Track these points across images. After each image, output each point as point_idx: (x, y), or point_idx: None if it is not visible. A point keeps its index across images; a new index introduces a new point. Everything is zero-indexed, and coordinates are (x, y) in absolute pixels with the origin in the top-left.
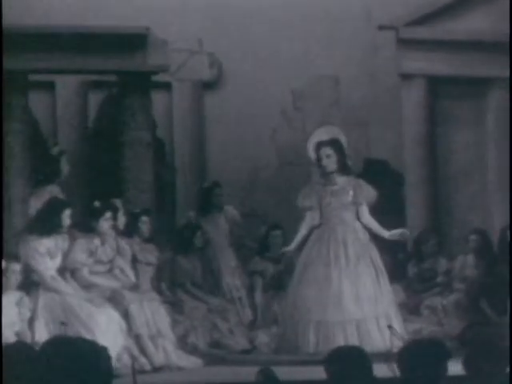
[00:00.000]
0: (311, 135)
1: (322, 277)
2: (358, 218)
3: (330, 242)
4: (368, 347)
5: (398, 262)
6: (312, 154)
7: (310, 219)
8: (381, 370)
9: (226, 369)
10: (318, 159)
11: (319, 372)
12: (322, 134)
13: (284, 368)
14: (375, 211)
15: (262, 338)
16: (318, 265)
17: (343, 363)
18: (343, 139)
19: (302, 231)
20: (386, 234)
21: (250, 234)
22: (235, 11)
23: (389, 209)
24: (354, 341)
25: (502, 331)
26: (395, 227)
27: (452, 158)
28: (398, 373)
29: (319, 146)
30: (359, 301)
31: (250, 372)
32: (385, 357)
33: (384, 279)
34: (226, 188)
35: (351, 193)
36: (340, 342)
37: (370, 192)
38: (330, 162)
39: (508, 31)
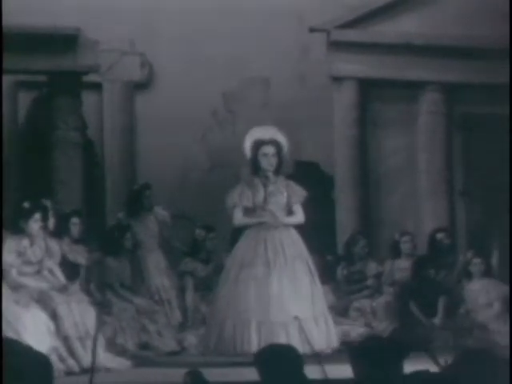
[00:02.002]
0: (249, 133)
1: (262, 276)
2: None
3: (268, 241)
4: (309, 347)
5: (328, 263)
6: (248, 151)
7: (239, 214)
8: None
9: (155, 370)
10: (255, 158)
11: (251, 373)
12: (261, 133)
13: (214, 370)
14: (305, 213)
15: (191, 339)
16: (257, 265)
17: (273, 362)
18: (283, 140)
19: (244, 219)
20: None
21: (179, 236)
22: (167, 12)
23: (319, 211)
24: (295, 341)
25: (431, 334)
26: (325, 229)
27: (383, 160)
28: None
29: (258, 144)
30: (299, 300)
31: (179, 374)
32: (323, 357)
33: (317, 280)
34: (156, 189)
35: (285, 193)
36: (282, 341)
37: (301, 192)
38: (270, 161)
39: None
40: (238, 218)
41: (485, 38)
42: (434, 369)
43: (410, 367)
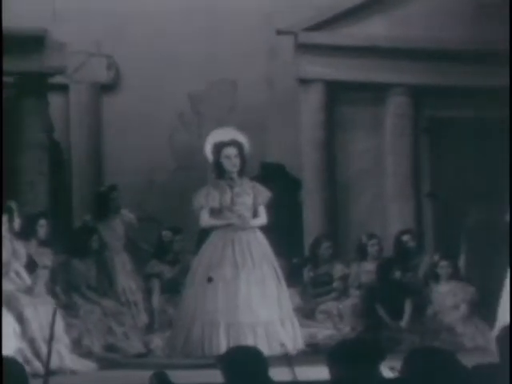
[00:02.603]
0: (208, 136)
1: (231, 278)
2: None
3: (235, 243)
4: (276, 349)
5: (294, 266)
6: (209, 155)
7: (205, 216)
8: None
9: (121, 372)
10: (218, 161)
11: (217, 375)
12: (221, 135)
13: (180, 372)
14: (272, 215)
15: (157, 341)
16: (225, 266)
17: (237, 364)
18: (244, 140)
19: (211, 220)
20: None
21: (146, 238)
22: (134, 13)
23: (286, 213)
24: (263, 343)
25: (397, 336)
26: (292, 231)
27: (350, 163)
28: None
29: (219, 147)
30: (266, 303)
31: (145, 376)
32: (290, 359)
33: (283, 282)
34: (123, 191)
35: (252, 195)
36: (250, 343)
37: (265, 194)
38: (233, 163)
39: (403, 37)
40: (205, 219)
41: (452, 40)
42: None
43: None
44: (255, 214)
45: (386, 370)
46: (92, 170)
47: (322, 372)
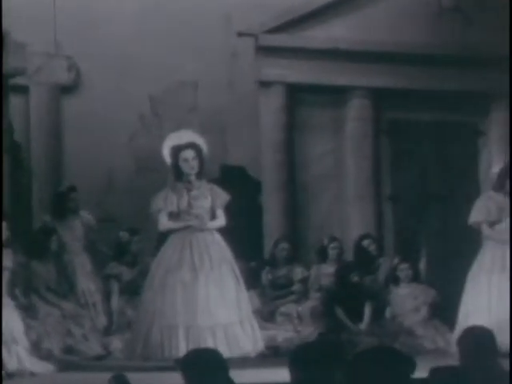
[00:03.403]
0: (166, 139)
1: (189, 281)
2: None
3: (193, 246)
4: (236, 351)
5: (253, 268)
6: (167, 158)
7: (164, 219)
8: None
9: (80, 375)
10: (176, 164)
11: (176, 377)
12: (179, 138)
13: (139, 374)
14: (232, 217)
15: (116, 343)
16: (184, 269)
17: (197, 366)
18: (202, 143)
19: (169, 223)
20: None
21: (106, 239)
22: (94, 15)
23: (246, 215)
24: (222, 345)
25: (356, 339)
26: (252, 233)
27: (310, 165)
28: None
29: (177, 150)
30: (225, 305)
31: (104, 378)
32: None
33: (242, 284)
34: (82, 192)
35: (209, 198)
36: (210, 346)
37: (224, 196)
38: (191, 165)
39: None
40: (164, 222)
41: (412, 44)
42: None
43: None
44: (213, 217)
45: None
46: (52, 170)
47: (282, 374)
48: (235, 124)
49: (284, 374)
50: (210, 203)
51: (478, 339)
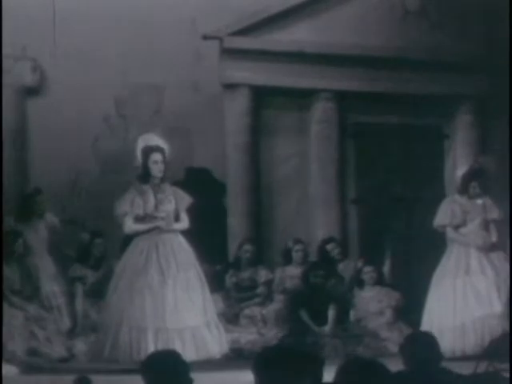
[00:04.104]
0: (138, 141)
1: (157, 284)
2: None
3: (159, 249)
4: (203, 354)
5: (217, 271)
6: (140, 159)
7: (129, 222)
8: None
9: (44, 377)
10: (146, 166)
11: (140, 380)
12: (149, 140)
13: (102, 376)
14: (196, 220)
15: (81, 346)
16: (151, 272)
17: (158, 369)
18: (165, 146)
19: (135, 226)
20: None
21: (70, 241)
22: (59, 17)
23: (210, 218)
24: (190, 348)
25: (321, 341)
26: (217, 236)
27: (275, 168)
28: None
29: (148, 151)
30: (192, 308)
31: (68, 380)
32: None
33: (207, 287)
34: (47, 194)
35: (173, 201)
36: (178, 348)
37: (187, 199)
38: (159, 168)
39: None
40: (130, 225)
41: (377, 47)
42: None
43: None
44: (177, 220)
45: None
46: (17, 173)
47: (246, 377)
48: (200, 126)
49: (247, 376)
50: (173, 206)
51: (421, 345)
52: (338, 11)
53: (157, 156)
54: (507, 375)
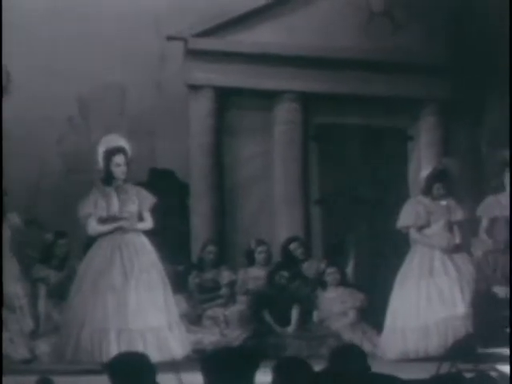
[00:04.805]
0: (100, 143)
1: (120, 285)
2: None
3: (122, 249)
4: (166, 355)
5: (180, 272)
6: (101, 161)
7: (93, 223)
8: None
9: (6, 378)
10: (108, 168)
11: (103, 381)
12: (111, 142)
13: (65, 378)
14: (160, 220)
15: (43, 347)
16: (114, 273)
17: (124, 370)
18: (127, 147)
19: (99, 227)
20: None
21: (33, 242)
22: (21, 17)
23: (174, 218)
24: (153, 349)
25: (284, 342)
26: (181, 237)
27: (238, 168)
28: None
29: (110, 154)
30: (155, 309)
31: (31, 381)
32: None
33: (169, 288)
34: (10, 194)
35: (137, 202)
36: (141, 349)
37: (150, 199)
38: (122, 170)
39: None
40: (93, 226)
41: (341, 48)
42: None
43: (263, 377)
44: (141, 220)
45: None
46: None
47: None
48: (164, 127)
49: None
50: (137, 207)
51: (350, 359)
52: (303, 13)
53: (119, 158)
54: (470, 375)
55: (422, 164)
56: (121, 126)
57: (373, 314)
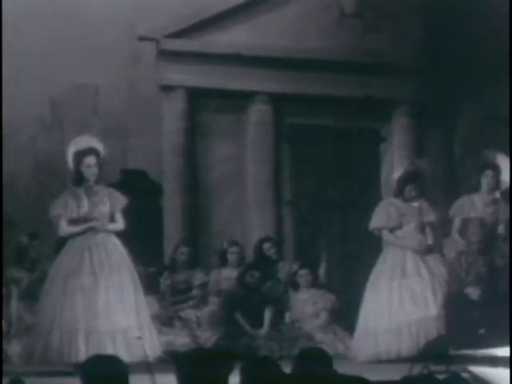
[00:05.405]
0: (70, 144)
1: (89, 286)
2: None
3: (92, 250)
4: (136, 356)
5: (152, 273)
6: (71, 163)
7: (64, 224)
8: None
9: None
10: (79, 169)
11: (75, 382)
12: (81, 143)
13: (37, 379)
14: (132, 221)
15: (15, 348)
16: (83, 273)
17: (96, 372)
18: (101, 148)
19: (69, 228)
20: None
21: (5, 243)
22: None
23: (146, 219)
24: (122, 350)
25: (256, 343)
26: (154, 238)
27: (211, 169)
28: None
29: (80, 155)
30: (125, 310)
31: (3, 383)
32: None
33: (140, 289)
34: None
35: (108, 202)
36: (110, 351)
37: (122, 200)
38: (93, 171)
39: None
40: (64, 227)
41: (314, 49)
42: None
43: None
44: (112, 220)
45: None
46: None
47: None
48: (137, 128)
49: None
50: (108, 208)
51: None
52: (275, 14)
53: (90, 159)
54: (442, 377)
55: (395, 165)
56: (93, 126)
57: (345, 316)
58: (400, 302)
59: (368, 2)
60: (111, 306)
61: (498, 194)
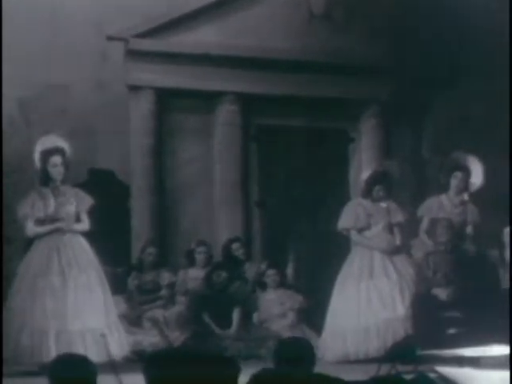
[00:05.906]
0: (36, 144)
1: (58, 286)
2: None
3: (60, 250)
4: (105, 356)
5: (119, 273)
6: (38, 163)
7: (31, 225)
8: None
9: None
10: (45, 169)
11: (44, 383)
12: (48, 143)
13: (8, 379)
14: (99, 221)
15: None
16: (52, 274)
17: (63, 372)
18: (67, 147)
19: (37, 228)
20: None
21: None
22: None
23: (114, 219)
24: (91, 350)
25: (223, 343)
26: (121, 238)
27: (179, 170)
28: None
29: (47, 154)
30: (93, 310)
31: None
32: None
33: (108, 289)
34: None
35: (74, 203)
36: (80, 351)
37: (88, 200)
38: (59, 171)
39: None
40: (31, 228)
41: (282, 50)
42: None
43: None
44: (78, 221)
45: None
46: None
47: None
48: (104, 128)
49: None
50: (74, 208)
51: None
52: (244, 14)
53: (56, 159)
54: (409, 377)
55: (363, 166)
56: (61, 126)
57: (313, 316)
58: (368, 303)
59: (337, 2)
60: (80, 305)
61: (466, 196)
